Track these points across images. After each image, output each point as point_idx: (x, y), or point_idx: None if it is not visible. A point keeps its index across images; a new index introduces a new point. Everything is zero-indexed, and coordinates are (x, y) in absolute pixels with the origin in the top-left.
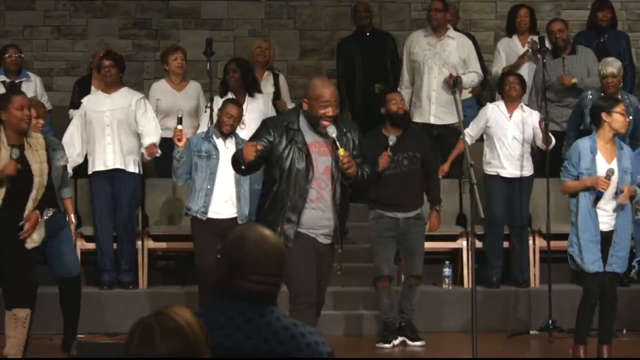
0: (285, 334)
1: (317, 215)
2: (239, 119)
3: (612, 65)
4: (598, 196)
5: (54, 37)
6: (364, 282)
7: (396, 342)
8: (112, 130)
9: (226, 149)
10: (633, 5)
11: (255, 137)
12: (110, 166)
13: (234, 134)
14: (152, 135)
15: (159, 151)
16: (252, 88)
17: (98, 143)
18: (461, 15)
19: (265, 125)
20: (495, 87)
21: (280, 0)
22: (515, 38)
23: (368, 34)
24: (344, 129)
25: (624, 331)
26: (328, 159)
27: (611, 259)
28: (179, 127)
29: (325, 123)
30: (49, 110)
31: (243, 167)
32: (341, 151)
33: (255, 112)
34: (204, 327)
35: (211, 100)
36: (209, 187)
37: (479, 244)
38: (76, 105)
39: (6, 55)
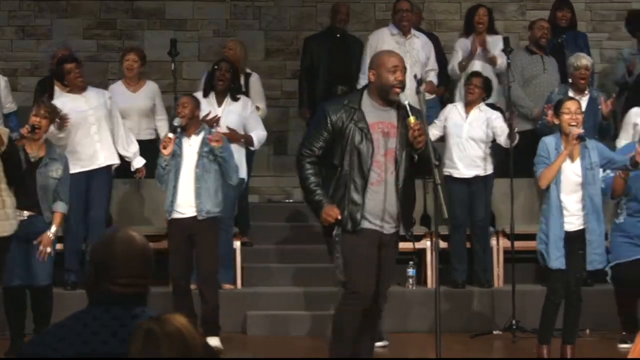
0: None
1: (379, 199)
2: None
3: (586, 59)
4: (581, 137)
5: (18, 38)
6: (329, 282)
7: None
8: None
9: (189, 146)
10: (597, 5)
11: (315, 128)
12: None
13: (203, 129)
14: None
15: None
16: (236, 91)
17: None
18: (425, 15)
19: (323, 112)
20: (455, 81)
21: (245, 0)
22: (473, 37)
23: (338, 35)
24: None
25: (588, 331)
26: (392, 141)
27: (590, 257)
28: (170, 135)
29: (397, 90)
30: (13, 111)
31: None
32: (412, 119)
33: (233, 114)
34: (199, 330)
35: (175, 100)
36: (174, 185)
37: (443, 244)
38: None
39: None
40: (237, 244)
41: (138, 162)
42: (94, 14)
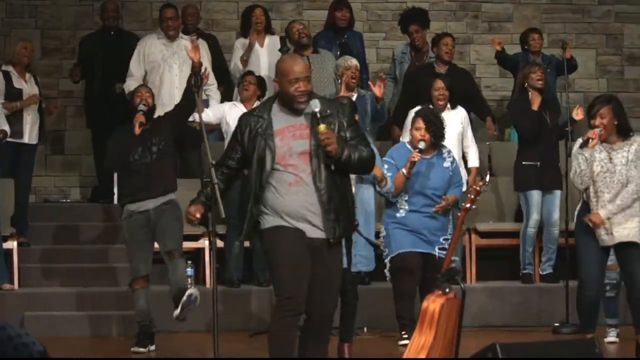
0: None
1: (299, 199)
2: None
3: (354, 60)
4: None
5: None
6: (107, 283)
7: (152, 347)
8: None
9: None
10: (373, 5)
11: (230, 141)
12: None
13: None
14: None
15: None
16: None
17: None
18: (203, 15)
19: (237, 125)
20: (235, 80)
21: None
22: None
23: (113, 33)
24: (328, 110)
25: (365, 329)
26: (305, 143)
27: (355, 259)
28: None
29: (301, 101)
30: None
31: None
32: (321, 127)
33: None
34: None
35: None
36: None
37: (220, 244)
38: None
39: None
40: (14, 244)
41: None
42: None
